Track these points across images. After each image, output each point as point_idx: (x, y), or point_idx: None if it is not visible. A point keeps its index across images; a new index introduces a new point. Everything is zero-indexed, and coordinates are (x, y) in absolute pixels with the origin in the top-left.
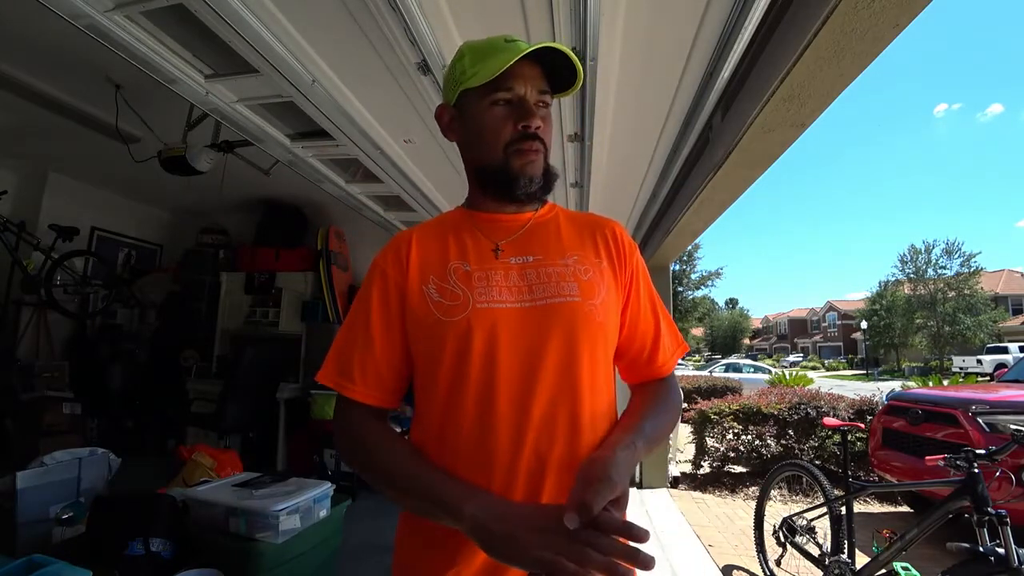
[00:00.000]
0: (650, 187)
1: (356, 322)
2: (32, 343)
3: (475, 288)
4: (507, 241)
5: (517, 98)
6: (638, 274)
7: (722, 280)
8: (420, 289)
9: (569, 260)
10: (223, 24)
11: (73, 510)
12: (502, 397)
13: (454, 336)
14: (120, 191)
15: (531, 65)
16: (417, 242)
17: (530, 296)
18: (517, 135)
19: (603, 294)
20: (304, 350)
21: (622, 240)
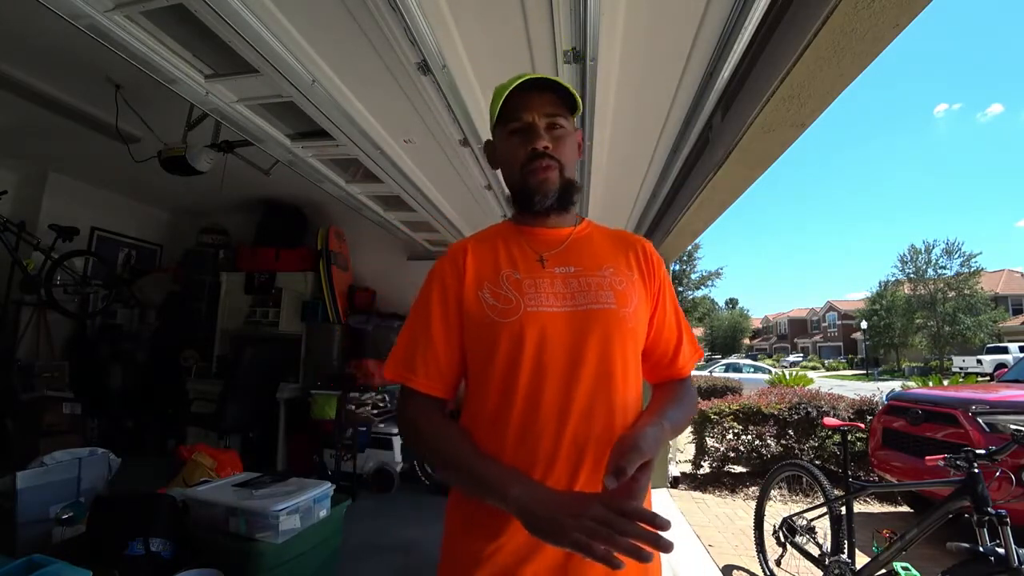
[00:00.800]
0: (650, 187)
1: (418, 323)
2: (32, 343)
3: (525, 293)
4: (551, 253)
5: (526, 125)
6: (664, 287)
7: (722, 280)
8: (476, 294)
9: (606, 272)
10: (223, 24)
11: (73, 510)
12: (548, 389)
13: (508, 335)
14: (120, 191)
15: (539, 94)
16: (472, 252)
17: (573, 302)
18: (528, 156)
19: (635, 303)
20: (304, 350)
21: (652, 256)
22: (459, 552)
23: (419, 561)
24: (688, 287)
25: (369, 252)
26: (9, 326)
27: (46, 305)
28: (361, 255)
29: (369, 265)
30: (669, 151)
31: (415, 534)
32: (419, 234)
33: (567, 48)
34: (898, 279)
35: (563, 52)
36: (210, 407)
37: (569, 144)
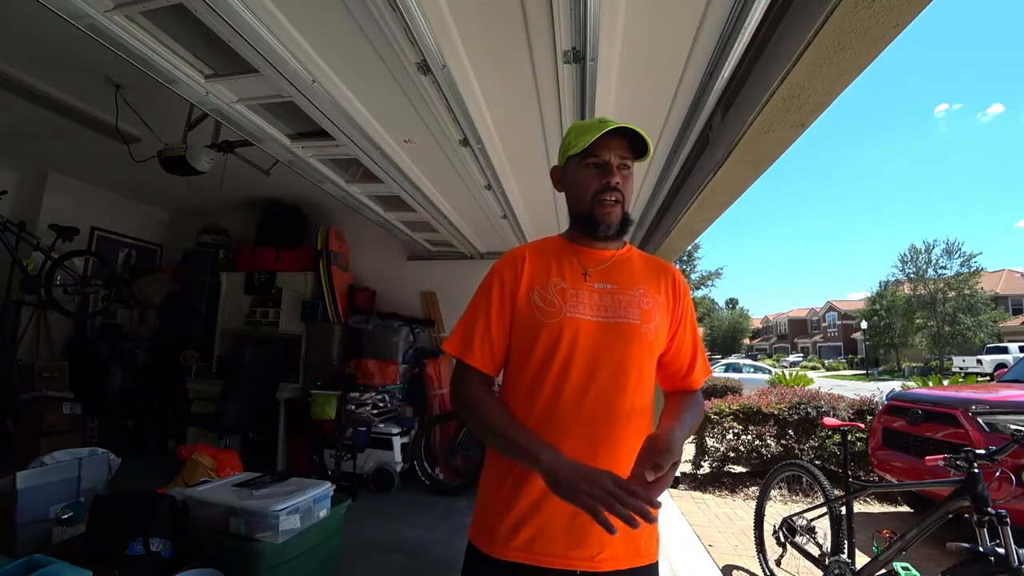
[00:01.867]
0: (650, 187)
1: (479, 309)
2: (32, 343)
3: (568, 301)
4: (595, 270)
5: (603, 162)
6: (687, 313)
7: (722, 280)
8: (528, 296)
9: (637, 292)
10: (223, 24)
11: (73, 510)
12: (573, 381)
13: (548, 334)
14: (120, 191)
15: (617, 138)
16: (530, 259)
17: (605, 314)
18: (601, 188)
19: (656, 321)
20: (304, 350)
21: (680, 285)
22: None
23: (419, 561)
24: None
25: (369, 252)
26: (9, 326)
27: (46, 305)
28: (361, 255)
29: (369, 265)
30: (669, 151)
31: (415, 534)
32: (419, 234)
33: (567, 48)
34: (898, 279)
35: (563, 52)
36: (210, 407)
37: (631, 183)
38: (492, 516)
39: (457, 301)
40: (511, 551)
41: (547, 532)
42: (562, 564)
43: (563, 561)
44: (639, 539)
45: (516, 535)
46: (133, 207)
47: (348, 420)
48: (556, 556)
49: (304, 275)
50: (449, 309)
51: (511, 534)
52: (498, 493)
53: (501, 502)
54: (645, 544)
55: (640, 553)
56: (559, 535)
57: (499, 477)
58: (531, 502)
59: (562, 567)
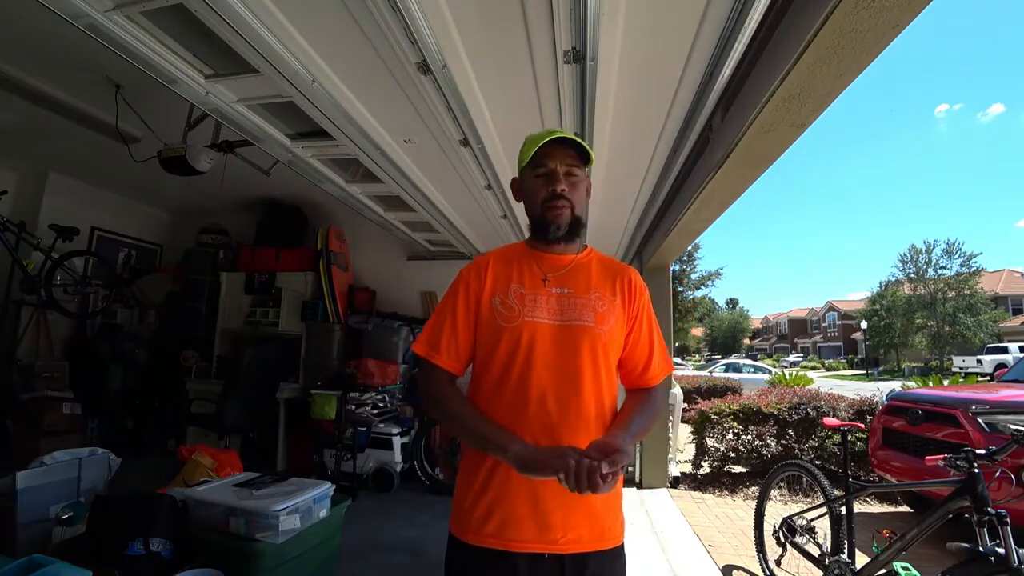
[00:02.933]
0: (650, 187)
1: (445, 312)
2: (32, 343)
3: (526, 306)
4: (553, 275)
5: (549, 171)
6: (643, 312)
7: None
8: (491, 301)
9: (592, 296)
10: (223, 24)
11: (73, 510)
12: (533, 379)
13: (508, 337)
14: (120, 191)
15: (562, 148)
16: (492, 266)
17: (561, 317)
18: (548, 195)
19: (611, 323)
20: (304, 350)
21: (634, 285)
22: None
23: (419, 561)
24: (688, 287)
25: (369, 252)
26: (9, 326)
27: (46, 305)
28: (361, 255)
29: (369, 265)
30: (669, 151)
31: (415, 534)
32: (419, 234)
33: (567, 48)
34: (898, 279)
35: (563, 52)
36: (210, 407)
37: (580, 189)
38: (465, 506)
39: None
40: (483, 538)
41: (513, 519)
42: (530, 548)
43: (531, 545)
44: (603, 523)
45: (486, 523)
46: (133, 207)
47: (348, 420)
48: (524, 541)
49: (304, 275)
50: None
51: (482, 522)
52: (469, 485)
53: (472, 493)
54: (609, 528)
55: (604, 537)
56: (525, 521)
57: (470, 470)
58: (498, 492)
59: (530, 551)
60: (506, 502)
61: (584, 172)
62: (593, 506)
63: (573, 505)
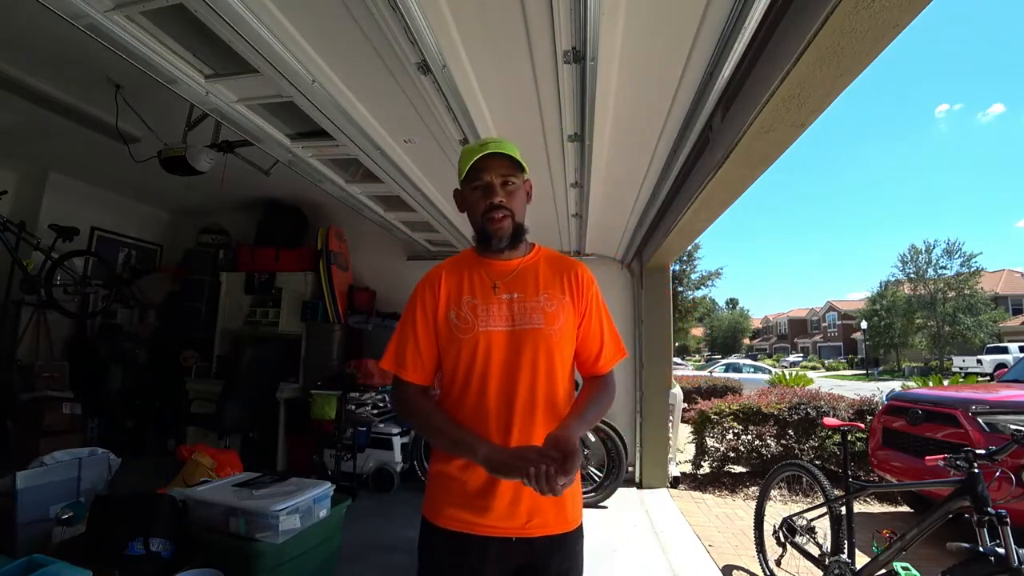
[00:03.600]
0: (650, 187)
1: (407, 327)
2: (32, 343)
3: (479, 316)
4: (502, 281)
5: (485, 184)
6: (592, 303)
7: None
8: (446, 314)
9: (541, 297)
10: (223, 24)
11: (73, 510)
12: (492, 384)
13: (466, 348)
14: (120, 191)
15: (497, 158)
16: (445, 280)
17: (513, 323)
18: (486, 207)
19: (561, 321)
20: (304, 350)
21: (581, 279)
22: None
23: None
24: (688, 287)
25: (369, 252)
26: (9, 326)
27: (46, 305)
28: (361, 255)
29: (369, 265)
30: (669, 151)
31: (415, 534)
32: (419, 234)
33: (567, 48)
34: (898, 279)
35: (563, 52)
36: (210, 407)
37: (519, 196)
38: (439, 495)
39: None
40: (454, 523)
41: (483, 507)
42: (499, 533)
43: (499, 531)
44: (566, 507)
45: (458, 511)
46: (133, 207)
47: (348, 420)
48: (492, 527)
49: (304, 275)
50: None
51: (455, 509)
52: (443, 478)
53: (446, 485)
54: (571, 511)
55: (567, 520)
56: (493, 509)
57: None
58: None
59: (499, 535)
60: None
61: (521, 178)
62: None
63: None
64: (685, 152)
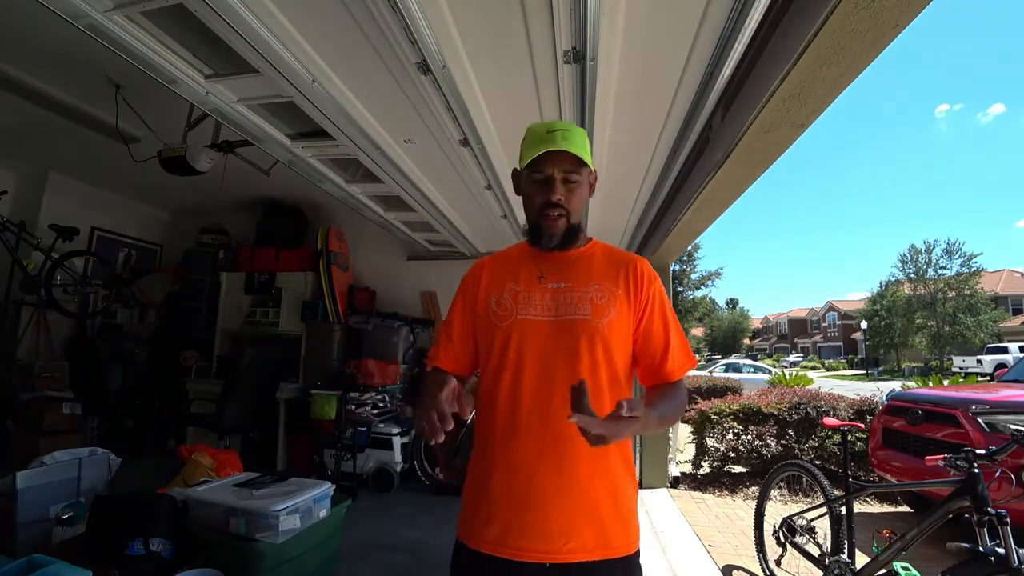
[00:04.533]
0: (650, 187)
1: (446, 321)
2: (32, 343)
3: (519, 304)
4: (551, 271)
5: (546, 177)
6: (653, 301)
7: (722, 280)
8: (486, 302)
9: (591, 288)
10: (223, 24)
11: (73, 510)
12: (526, 376)
13: (501, 335)
14: (120, 191)
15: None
16: (488, 269)
17: (555, 313)
18: (543, 204)
19: (612, 315)
20: (304, 350)
21: (641, 274)
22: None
23: (419, 561)
24: (688, 287)
25: (369, 252)
26: (9, 326)
27: (46, 305)
28: (361, 255)
29: (369, 265)
30: (669, 151)
31: (415, 534)
32: (419, 234)
33: (567, 48)
34: (898, 279)
35: (563, 52)
36: (210, 407)
37: (579, 194)
38: (469, 511)
39: None
40: (485, 544)
41: (514, 526)
42: (532, 557)
43: (532, 554)
44: (608, 529)
45: (488, 529)
46: (133, 207)
47: (348, 420)
48: (525, 550)
49: (304, 275)
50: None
51: (484, 528)
52: (472, 488)
53: (475, 498)
54: (616, 535)
55: (611, 544)
56: (526, 529)
57: (472, 473)
58: (497, 497)
59: (532, 560)
60: (505, 506)
61: (585, 173)
62: (597, 511)
63: (574, 510)
64: (685, 152)
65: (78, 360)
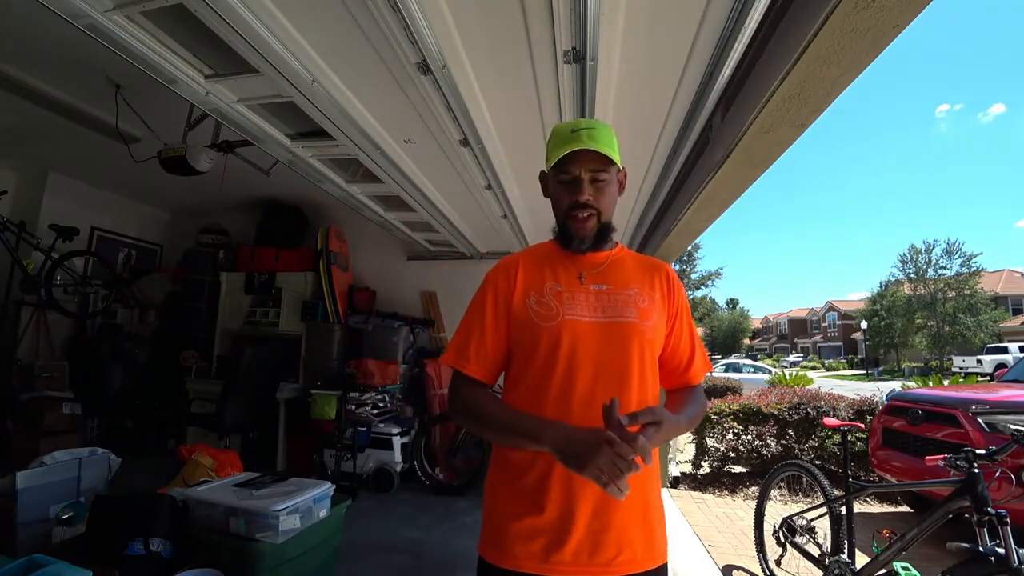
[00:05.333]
0: (650, 187)
1: (474, 319)
2: (32, 343)
3: (564, 304)
4: (589, 273)
5: (572, 178)
6: (682, 309)
7: (722, 280)
8: (524, 301)
9: (632, 291)
10: (223, 24)
11: (73, 510)
12: (579, 382)
13: (548, 338)
14: (120, 191)
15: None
16: (523, 265)
17: (603, 314)
18: (571, 205)
19: (654, 319)
20: (304, 350)
21: (673, 281)
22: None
23: (419, 561)
24: (688, 287)
25: (369, 252)
26: (9, 326)
27: (46, 305)
28: (361, 255)
29: (369, 265)
30: (669, 151)
31: (415, 534)
32: (419, 234)
33: (567, 48)
34: (898, 279)
35: (563, 52)
36: (210, 407)
37: (609, 193)
38: (502, 526)
39: (457, 301)
40: (525, 562)
41: (562, 540)
42: (580, 573)
43: (581, 570)
44: (655, 538)
45: (529, 544)
46: (133, 207)
47: (348, 420)
48: (573, 565)
49: (304, 275)
50: (449, 309)
51: (524, 544)
52: (507, 501)
53: (511, 511)
54: (660, 544)
55: (655, 554)
56: (575, 542)
57: (507, 484)
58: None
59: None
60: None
61: (613, 171)
62: (648, 519)
63: (628, 518)
64: (685, 152)
65: (78, 360)
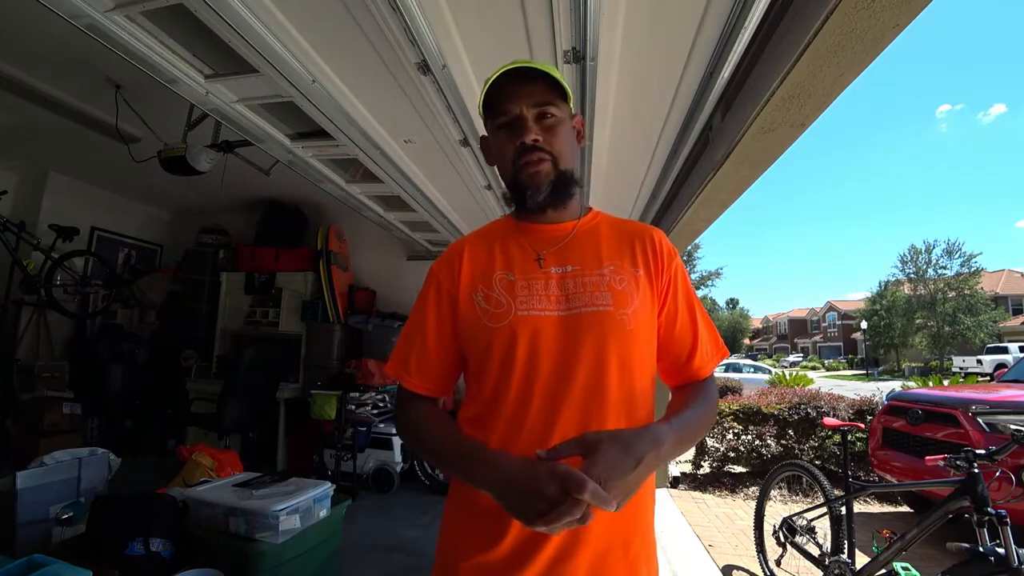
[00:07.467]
0: (650, 187)
1: (415, 324)
2: (32, 343)
3: (518, 296)
4: (550, 251)
5: (513, 118)
6: (676, 280)
7: (722, 280)
8: (470, 297)
9: (606, 270)
10: (223, 24)
11: (73, 510)
12: (537, 397)
13: (499, 341)
14: (120, 191)
15: (528, 83)
16: (468, 253)
17: (567, 305)
18: (518, 151)
19: (636, 303)
20: (304, 350)
21: (661, 248)
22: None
23: (419, 561)
24: None
25: (369, 252)
26: (9, 326)
27: (46, 305)
28: (361, 255)
29: (369, 265)
30: (669, 151)
31: (415, 534)
32: (419, 234)
33: (567, 48)
34: (898, 279)
35: (563, 52)
36: (210, 407)
37: (562, 133)
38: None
39: None
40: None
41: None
42: None
43: None
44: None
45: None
46: (133, 207)
47: (348, 420)
48: None
49: (304, 275)
50: None
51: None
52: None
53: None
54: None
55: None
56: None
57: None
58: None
59: None
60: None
61: (565, 109)
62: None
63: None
64: (685, 152)
65: (78, 360)
